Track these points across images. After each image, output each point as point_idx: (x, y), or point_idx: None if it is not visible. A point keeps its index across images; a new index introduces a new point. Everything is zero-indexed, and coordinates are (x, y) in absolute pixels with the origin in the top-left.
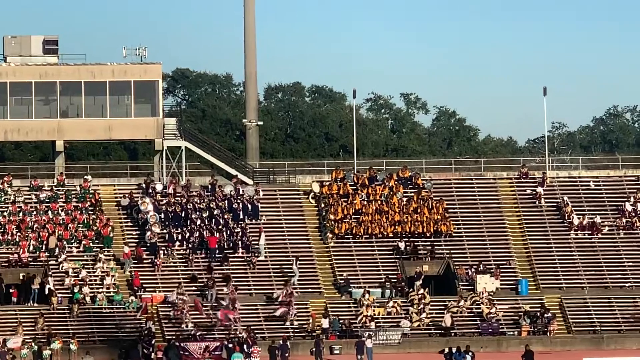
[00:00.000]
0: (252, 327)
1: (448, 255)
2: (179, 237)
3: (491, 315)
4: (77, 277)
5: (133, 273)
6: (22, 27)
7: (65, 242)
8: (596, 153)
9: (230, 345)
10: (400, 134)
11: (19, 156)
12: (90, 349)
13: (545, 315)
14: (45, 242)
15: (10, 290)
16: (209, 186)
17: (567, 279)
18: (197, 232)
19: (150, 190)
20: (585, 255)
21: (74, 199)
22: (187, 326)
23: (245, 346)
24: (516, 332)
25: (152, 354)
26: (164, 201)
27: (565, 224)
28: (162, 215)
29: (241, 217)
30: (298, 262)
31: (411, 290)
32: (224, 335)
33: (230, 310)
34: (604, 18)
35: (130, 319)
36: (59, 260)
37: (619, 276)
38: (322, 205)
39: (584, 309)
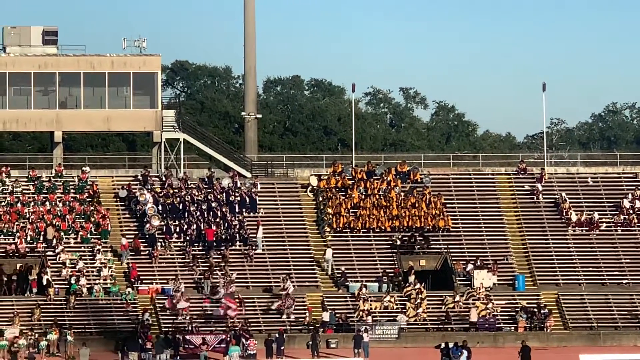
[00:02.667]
0: (248, 320)
1: (445, 250)
2: (177, 229)
3: (485, 313)
4: (74, 268)
5: (130, 265)
6: (21, 18)
7: (62, 233)
8: (594, 150)
9: (227, 339)
10: (399, 128)
11: (17, 147)
12: (86, 340)
13: (542, 311)
14: (42, 233)
15: (31, 279)
16: (207, 179)
17: (564, 275)
18: (195, 225)
19: (148, 182)
20: (583, 252)
21: (72, 190)
22: (184, 318)
23: (241, 339)
24: (513, 328)
25: (146, 345)
26: (162, 193)
27: (563, 220)
28: (160, 207)
29: (238, 210)
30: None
31: (408, 284)
32: (223, 328)
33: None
34: (603, 14)
35: (126, 311)
36: (57, 251)
37: (616, 273)
38: (320, 199)
39: (580, 305)
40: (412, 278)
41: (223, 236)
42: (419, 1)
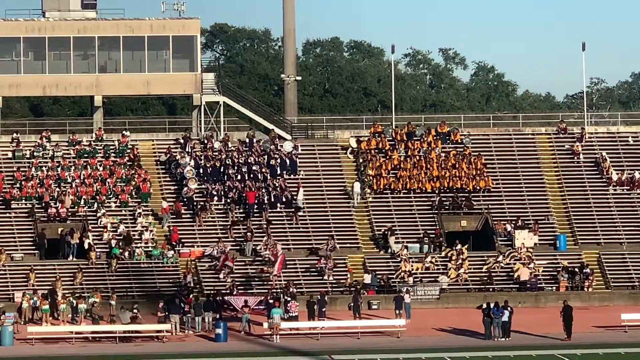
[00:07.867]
0: (290, 282)
1: (486, 211)
2: (217, 192)
3: (529, 276)
4: (115, 232)
5: (171, 228)
6: None
7: (104, 197)
8: (635, 108)
9: (271, 301)
10: (439, 89)
11: (57, 111)
12: (129, 303)
13: (584, 270)
14: (83, 197)
15: (71, 242)
16: (247, 141)
17: (606, 234)
18: (235, 188)
19: (188, 146)
20: (624, 211)
21: (113, 154)
22: (226, 280)
23: (283, 301)
24: (554, 288)
25: (185, 308)
26: (203, 156)
27: (604, 180)
28: (201, 171)
29: (279, 172)
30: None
31: (445, 246)
32: (264, 290)
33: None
34: None
35: (168, 274)
36: (98, 215)
37: None
38: (360, 160)
39: (622, 264)
40: (392, 239)
41: (264, 198)
42: None
